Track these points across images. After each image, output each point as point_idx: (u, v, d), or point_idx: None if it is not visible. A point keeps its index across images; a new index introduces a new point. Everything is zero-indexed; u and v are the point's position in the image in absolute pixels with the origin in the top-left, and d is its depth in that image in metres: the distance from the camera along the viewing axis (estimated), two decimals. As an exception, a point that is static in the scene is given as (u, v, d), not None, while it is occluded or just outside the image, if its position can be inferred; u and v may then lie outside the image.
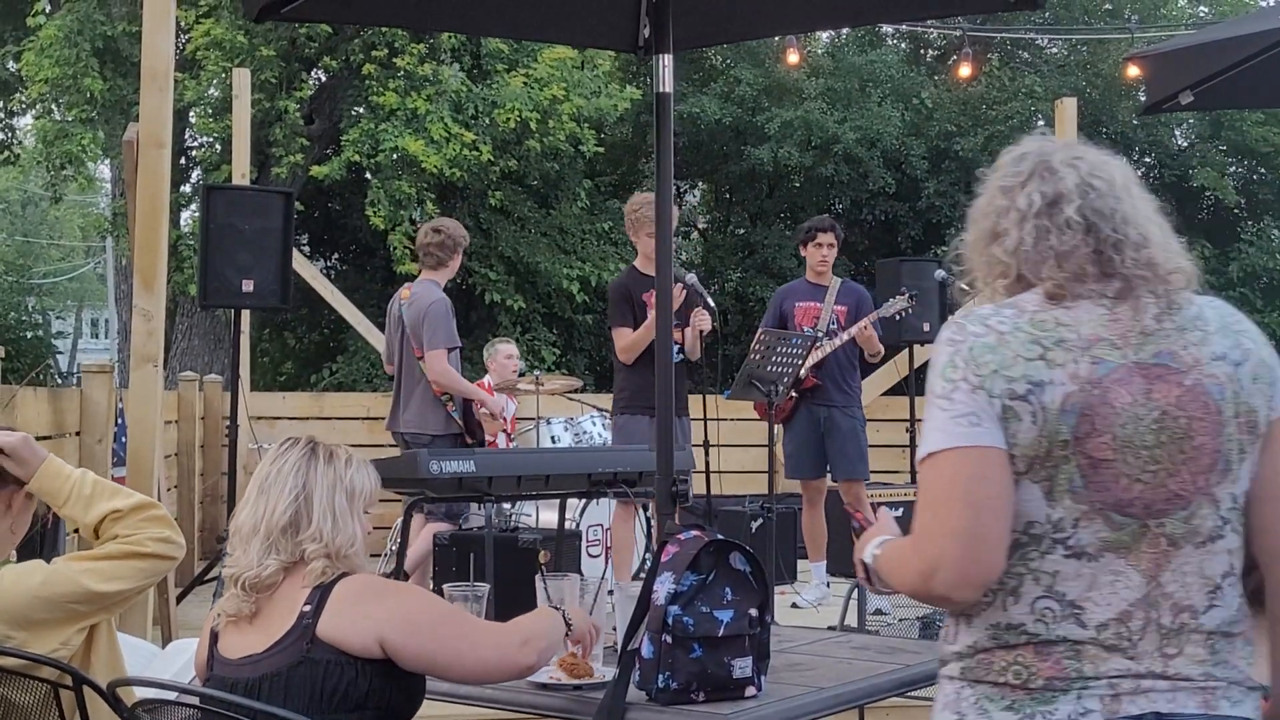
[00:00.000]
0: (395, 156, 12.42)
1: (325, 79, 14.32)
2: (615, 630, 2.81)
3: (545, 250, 14.29)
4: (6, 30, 14.46)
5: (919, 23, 14.69)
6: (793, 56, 12.47)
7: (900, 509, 8.05)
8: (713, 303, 6.14)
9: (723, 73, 16.29)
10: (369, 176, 13.46)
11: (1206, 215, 17.34)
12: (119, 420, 5.74)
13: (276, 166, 12.74)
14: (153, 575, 2.77)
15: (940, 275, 7.59)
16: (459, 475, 5.10)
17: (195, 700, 2.43)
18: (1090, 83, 16.36)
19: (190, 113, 13.36)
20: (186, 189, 14.40)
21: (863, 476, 7.01)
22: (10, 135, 17.46)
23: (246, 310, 8.02)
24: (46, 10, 13.01)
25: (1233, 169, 17.02)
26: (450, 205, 13.88)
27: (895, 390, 9.51)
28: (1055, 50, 17.86)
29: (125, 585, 2.69)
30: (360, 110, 13.44)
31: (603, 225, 14.93)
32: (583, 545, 7.14)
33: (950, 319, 1.95)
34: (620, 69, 14.80)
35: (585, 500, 6.22)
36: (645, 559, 5.43)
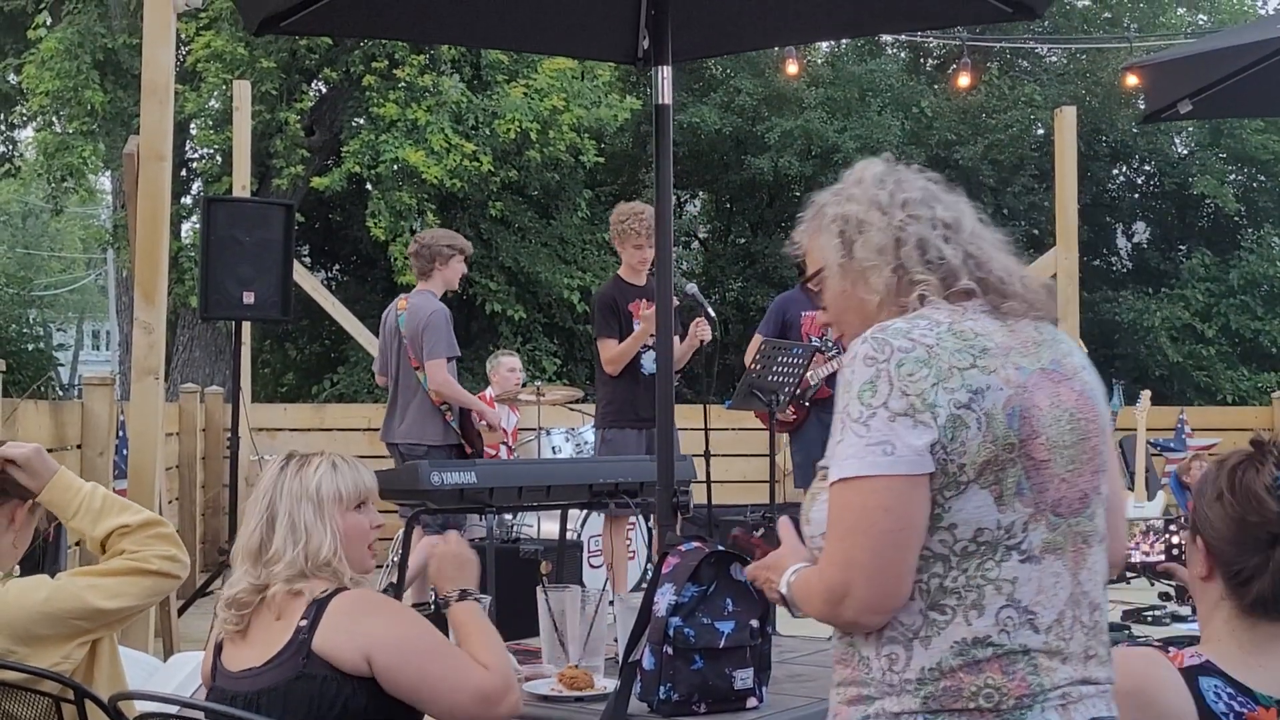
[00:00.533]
0: (396, 167, 12.44)
1: (326, 90, 14.34)
2: (616, 642, 2.81)
3: (546, 260, 14.31)
4: (7, 43, 14.48)
5: (918, 32, 14.70)
6: (792, 67, 12.49)
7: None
8: (713, 313, 6.14)
9: (723, 82, 16.31)
10: (369, 187, 13.48)
11: (1207, 223, 17.35)
12: (120, 433, 5.74)
13: (277, 178, 12.75)
14: (157, 593, 2.77)
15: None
16: (460, 486, 5.11)
17: (198, 714, 2.43)
18: (1090, 91, 16.37)
19: (191, 125, 13.39)
20: (187, 201, 14.41)
21: None
22: (11, 148, 17.47)
23: (247, 322, 8.02)
24: (47, 23, 13.04)
25: (1233, 177, 17.02)
26: (451, 216, 13.90)
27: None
28: (1055, 59, 17.88)
29: (129, 603, 2.69)
30: (361, 121, 13.46)
31: (603, 235, 14.93)
32: (584, 556, 7.13)
33: (865, 334, 1.91)
34: (620, 79, 14.82)
35: (587, 511, 6.23)
36: (646, 570, 5.43)
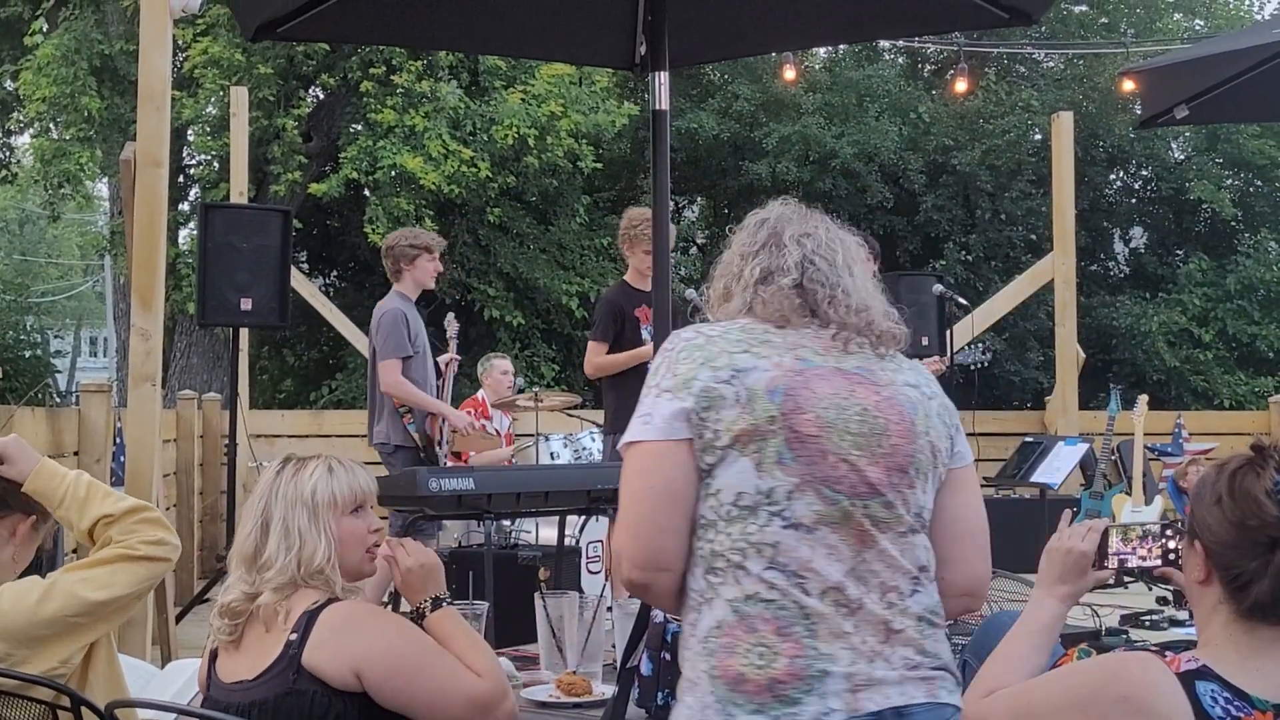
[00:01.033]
0: (393, 173, 12.44)
1: (323, 96, 14.35)
2: (615, 648, 2.81)
3: (544, 266, 14.31)
4: (4, 49, 14.49)
5: (915, 38, 14.72)
6: (789, 73, 12.50)
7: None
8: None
9: (720, 88, 16.32)
10: (367, 193, 13.48)
11: (1204, 228, 17.35)
12: (117, 440, 5.73)
13: (275, 184, 12.75)
14: (148, 579, 2.72)
15: (938, 289, 7.60)
16: (458, 492, 5.11)
17: (194, 721, 2.43)
18: (1087, 96, 16.38)
19: (188, 131, 13.39)
20: (184, 207, 14.41)
21: None
22: (8, 154, 17.47)
23: (245, 328, 8.02)
24: (44, 29, 13.05)
25: (1229, 182, 17.02)
26: (449, 222, 13.90)
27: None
28: (1052, 64, 17.89)
29: (122, 591, 2.65)
30: (358, 127, 13.46)
31: (601, 241, 14.94)
32: (582, 562, 7.12)
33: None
34: (618, 85, 14.83)
35: (585, 517, 6.22)
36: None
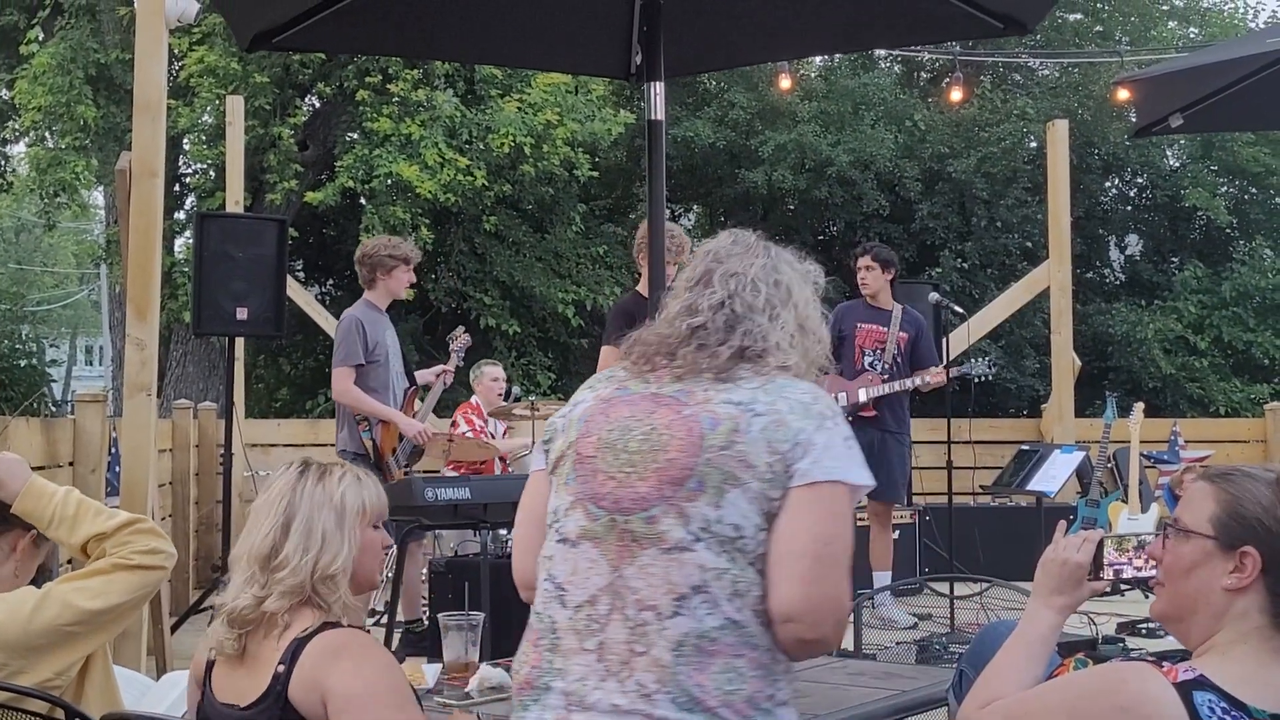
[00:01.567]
0: (389, 182, 12.44)
1: (319, 105, 14.35)
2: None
3: (540, 274, 14.31)
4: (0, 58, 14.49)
5: (911, 47, 14.74)
6: (785, 82, 12.51)
7: (898, 531, 8.06)
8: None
9: (716, 96, 16.33)
10: (363, 202, 13.48)
11: (1199, 235, 17.37)
12: (113, 449, 5.72)
13: (271, 193, 12.75)
14: (144, 587, 2.72)
15: (934, 298, 7.61)
16: (455, 502, 5.11)
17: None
18: (1082, 104, 16.41)
19: (184, 139, 13.39)
20: (180, 215, 14.40)
21: (898, 499, 7.32)
22: (3, 163, 17.45)
23: (241, 338, 8.01)
24: (39, 38, 13.04)
25: (1224, 189, 17.05)
26: (444, 230, 13.90)
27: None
28: (1047, 72, 17.92)
29: (117, 600, 2.65)
30: (354, 136, 13.46)
31: (597, 249, 14.94)
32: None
33: None
34: (614, 93, 14.84)
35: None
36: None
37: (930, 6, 3.79)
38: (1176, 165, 17.52)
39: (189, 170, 14.62)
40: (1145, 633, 5.78)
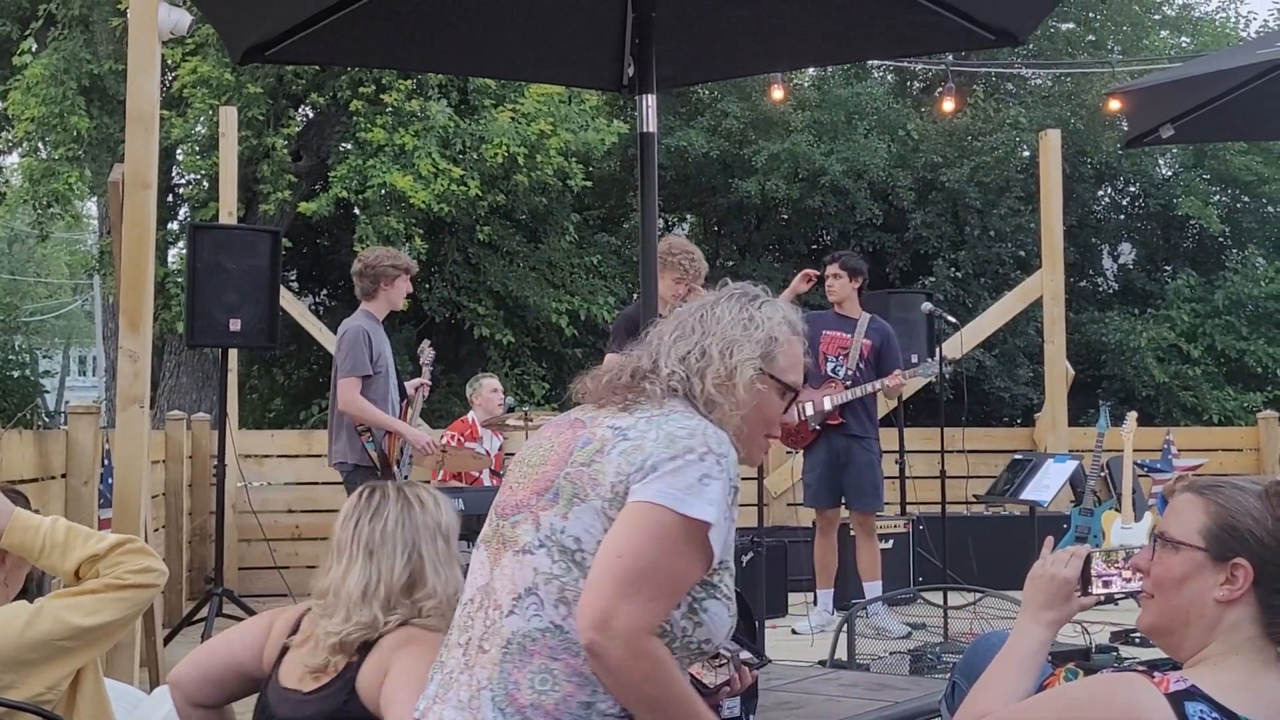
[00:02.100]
0: (383, 192, 12.44)
1: (313, 115, 14.35)
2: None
3: (534, 284, 14.31)
4: (-7, 69, 14.48)
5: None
6: (777, 93, 12.53)
7: (891, 541, 8.07)
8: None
9: (709, 106, 16.35)
10: (357, 212, 13.47)
11: (1191, 244, 17.41)
12: (105, 461, 5.71)
13: (264, 203, 12.74)
14: (136, 605, 2.74)
15: (927, 307, 7.63)
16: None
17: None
18: (1074, 113, 16.45)
19: (177, 150, 13.38)
20: (174, 226, 14.38)
21: (876, 508, 7.20)
22: (-3, 174, 17.46)
23: (234, 349, 8.00)
24: (33, 49, 13.03)
25: (1217, 197, 17.09)
26: (438, 240, 13.90)
27: (885, 422, 9.50)
28: (1039, 82, 17.96)
29: (109, 617, 2.67)
30: (348, 146, 13.46)
31: (591, 259, 14.95)
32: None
33: None
34: (607, 103, 14.86)
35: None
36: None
37: (922, 18, 3.79)
38: (1169, 174, 17.56)
39: (182, 181, 14.61)
40: (1139, 641, 5.78)
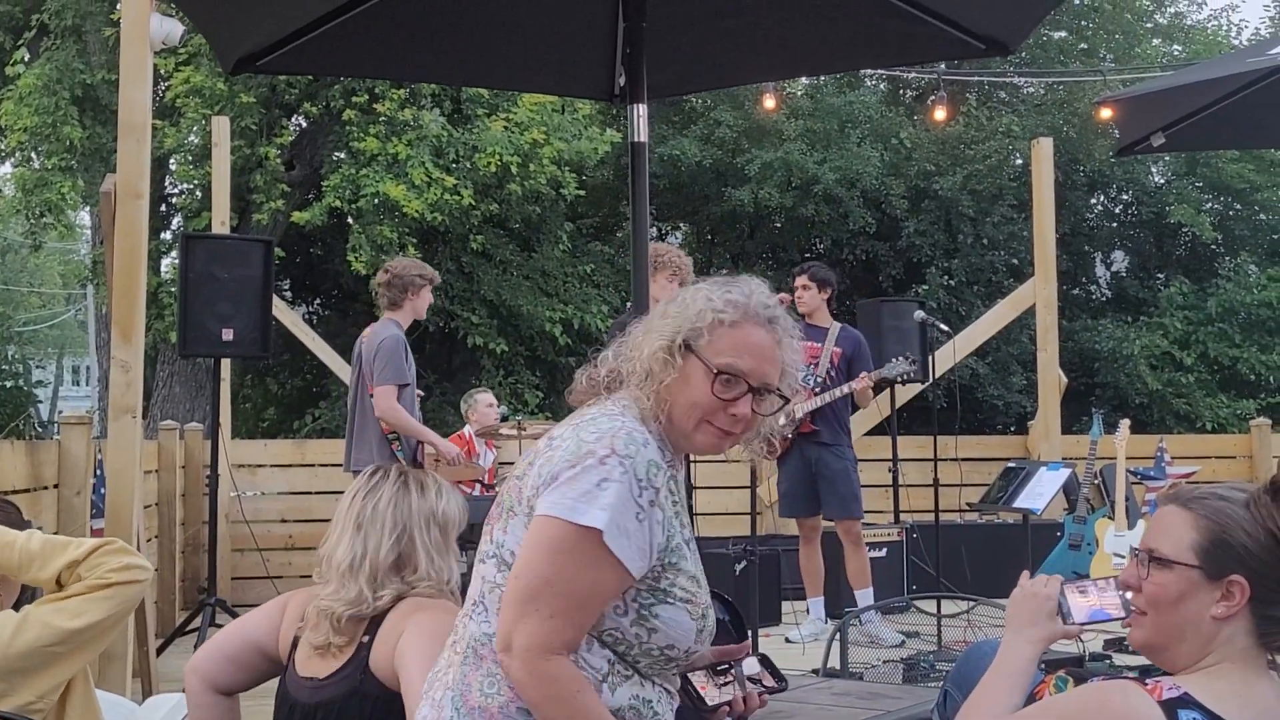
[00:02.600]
0: (376, 201, 12.44)
1: (306, 125, 14.35)
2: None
3: (527, 293, 14.31)
4: (-14, 79, 14.48)
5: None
6: (769, 102, 12.54)
7: (885, 549, 8.06)
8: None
9: (703, 115, 16.38)
10: (350, 221, 13.47)
11: (1184, 251, 17.46)
12: (98, 471, 5.70)
13: (257, 213, 12.74)
14: (123, 604, 2.72)
15: (920, 316, 7.63)
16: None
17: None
18: (1067, 122, 16.49)
19: (170, 160, 13.38)
20: (167, 236, 14.38)
21: (856, 515, 7.14)
22: (-10, 184, 17.46)
23: (227, 358, 7.99)
24: (25, 59, 13.04)
25: (1209, 205, 17.14)
26: (432, 249, 13.90)
27: (877, 430, 9.52)
28: (1032, 90, 18.01)
29: (97, 618, 2.64)
30: (341, 155, 13.46)
31: (585, 268, 14.96)
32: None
33: None
34: (600, 112, 14.88)
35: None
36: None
37: (913, 28, 3.80)
38: (1162, 182, 17.61)
39: (175, 190, 14.61)
40: (1133, 649, 5.78)
